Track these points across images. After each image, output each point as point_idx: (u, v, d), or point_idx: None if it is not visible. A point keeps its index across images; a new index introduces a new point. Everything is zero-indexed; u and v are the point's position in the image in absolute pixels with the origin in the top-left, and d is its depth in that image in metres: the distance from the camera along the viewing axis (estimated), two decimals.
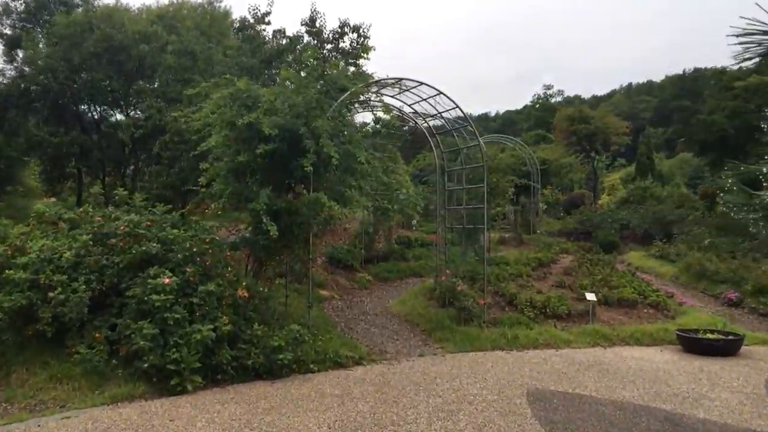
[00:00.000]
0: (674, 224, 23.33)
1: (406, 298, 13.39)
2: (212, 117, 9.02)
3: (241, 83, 8.78)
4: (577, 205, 34.48)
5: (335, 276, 15.29)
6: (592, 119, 30.78)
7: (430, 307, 12.14)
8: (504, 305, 11.68)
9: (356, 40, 19.39)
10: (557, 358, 9.22)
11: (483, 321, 10.43)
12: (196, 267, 7.91)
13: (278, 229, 9.01)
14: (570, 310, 11.19)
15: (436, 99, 10.54)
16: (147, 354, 7.16)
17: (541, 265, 15.87)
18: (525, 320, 10.73)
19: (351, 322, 11.55)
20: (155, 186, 15.77)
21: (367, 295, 14.42)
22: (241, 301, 8.08)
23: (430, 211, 27.49)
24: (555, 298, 11.36)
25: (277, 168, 9.33)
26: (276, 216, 8.91)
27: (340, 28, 19.45)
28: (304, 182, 9.21)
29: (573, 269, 14.92)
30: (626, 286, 12.68)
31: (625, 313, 11.55)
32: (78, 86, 21.09)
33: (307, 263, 9.62)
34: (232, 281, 8.16)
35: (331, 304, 13.13)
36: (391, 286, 15.73)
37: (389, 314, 12.30)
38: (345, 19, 19.98)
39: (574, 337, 10.21)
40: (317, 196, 8.42)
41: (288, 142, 8.99)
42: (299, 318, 9.95)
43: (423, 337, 10.54)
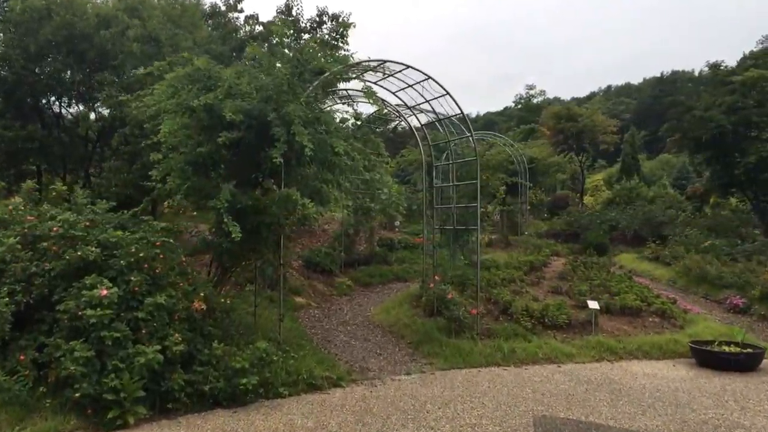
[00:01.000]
0: (665, 225, 22.65)
1: (389, 305, 12.26)
2: (166, 101, 7.79)
3: (200, 61, 7.57)
4: (561, 206, 33.75)
5: (312, 281, 14.11)
6: (580, 117, 30.04)
7: (417, 316, 11.03)
8: (497, 314, 10.63)
9: (335, 29, 18.23)
10: (561, 375, 8.18)
11: (476, 333, 9.35)
12: (142, 275, 6.67)
13: (244, 230, 7.81)
14: (570, 319, 10.17)
15: (424, 86, 9.44)
16: (79, 381, 5.92)
17: (534, 269, 14.87)
18: (522, 331, 9.68)
19: (329, 334, 10.38)
20: (114, 184, 14.37)
21: (347, 303, 13.27)
22: (198, 314, 6.87)
23: (413, 211, 26.50)
24: (553, 306, 10.34)
25: (244, 160, 8.15)
26: (241, 215, 7.71)
27: (318, 17, 18.29)
28: (274, 177, 8.03)
29: (568, 273, 13.93)
30: (627, 291, 11.73)
31: (629, 322, 10.58)
32: (35, 77, 19.53)
33: (279, 269, 8.42)
34: (188, 292, 6.95)
35: (307, 312, 11.94)
36: (373, 291, 14.60)
37: (371, 324, 11.16)
38: (323, 8, 18.84)
39: (577, 350, 9.19)
40: (288, 193, 7.26)
41: (255, 130, 7.80)
42: (270, 331, 8.77)
43: (409, 350, 9.43)
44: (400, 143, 38.88)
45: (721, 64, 19.99)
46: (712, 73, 20.04)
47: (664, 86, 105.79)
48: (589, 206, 32.32)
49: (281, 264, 8.35)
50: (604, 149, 33.72)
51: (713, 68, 19.90)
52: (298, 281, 13.60)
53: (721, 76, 19.32)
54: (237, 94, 7.69)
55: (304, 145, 7.07)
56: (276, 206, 7.45)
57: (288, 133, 7.34)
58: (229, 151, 8.13)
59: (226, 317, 7.36)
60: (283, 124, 7.47)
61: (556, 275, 14.10)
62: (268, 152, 7.31)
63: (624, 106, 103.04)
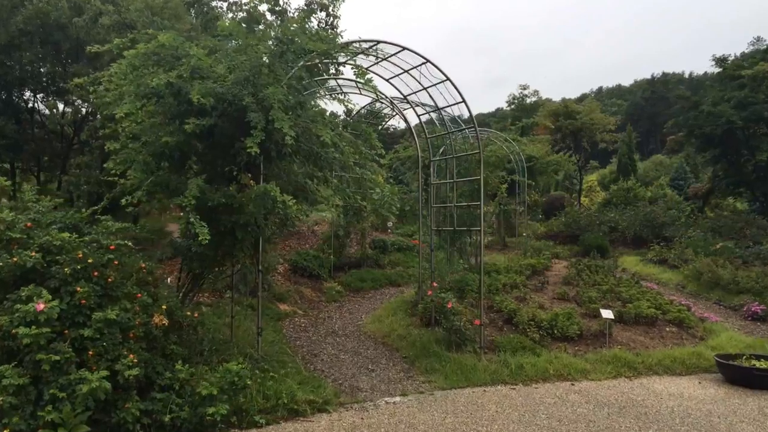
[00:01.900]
0: (666, 227, 21.86)
1: (382, 313, 11.28)
2: (126, 84, 6.77)
3: (164, 37, 6.55)
4: (556, 207, 32.91)
5: (299, 287, 13.09)
6: (578, 114, 29.16)
7: (412, 326, 10.06)
8: (501, 324, 9.68)
9: (325, 20, 17.25)
10: (577, 396, 7.23)
11: (479, 346, 8.39)
12: (91, 286, 5.64)
13: (216, 232, 6.83)
14: (582, 330, 9.24)
15: (422, 71, 8.47)
16: (9, 414, 4.90)
17: (536, 273, 13.98)
18: (529, 344, 8.73)
19: (316, 347, 9.38)
20: (84, 182, 13.28)
21: (337, 310, 12.26)
22: (159, 331, 5.85)
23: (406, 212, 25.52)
24: (563, 315, 9.40)
25: (217, 152, 7.14)
26: (212, 215, 6.72)
27: (307, 5, 17.27)
28: (251, 171, 7.02)
29: (572, 278, 13.04)
30: (639, 298, 10.83)
31: (645, 333, 9.67)
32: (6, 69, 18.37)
33: (257, 276, 7.40)
34: (147, 304, 5.92)
35: (292, 322, 10.93)
36: (365, 297, 13.61)
37: (362, 335, 10.17)
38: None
39: (592, 365, 8.25)
40: (265, 189, 6.26)
41: (230, 117, 6.81)
42: (248, 345, 7.77)
43: (404, 366, 8.45)
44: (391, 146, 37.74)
45: (728, 58, 19.23)
46: (719, 67, 19.26)
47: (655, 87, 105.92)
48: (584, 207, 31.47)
49: (260, 270, 7.34)
50: (603, 148, 32.85)
51: (720, 62, 19.12)
52: (284, 287, 12.59)
53: (729, 71, 18.52)
54: (208, 76, 6.68)
55: (285, 132, 6.07)
56: (252, 204, 6.45)
57: (266, 119, 6.35)
58: (201, 141, 7.13)
59: (194, 333, 6.33)
60: (260, 109, 6.48)
61: (560, 280, 13.20)
62: (244, 142, 6.32)
63: (616, 108, 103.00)
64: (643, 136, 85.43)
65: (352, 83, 11.40)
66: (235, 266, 8.01)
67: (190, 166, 7.45)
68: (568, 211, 26.12)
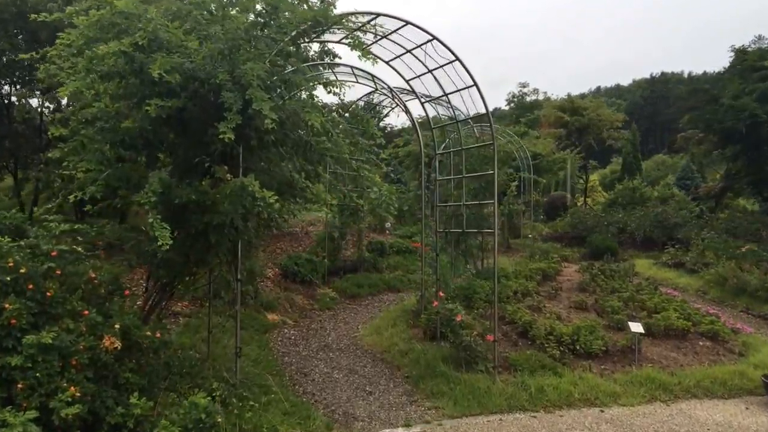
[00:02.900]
0: (679, 228, 20.87)
1: (381, 323, 10.22)
2: (76, 57, 5.70)
3: (121, 2, 5.47)
4: (557, 207, 31.88)
5: (290, 293, 12.02)
6: (585, 111, 28.06)
7: (415, 339, 9.01)
8: (515, 338, 8.63)
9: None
10: (609, 426, 6.18)
11: (493, 365, 7.32)
12: (23, 301, 4.57)
13: (186, 235, 5.81)
14: (607, 345, 8.19)
15: (426, 51, 7.41)
16: None
17: (546, 278, 12.94)
18: (549, 362, 7.67)
19: (306, 364, 8.31)
20: (53, 178, 12.18)
21: (331, 319, 11.19)
22: (110, 356, 4.77)
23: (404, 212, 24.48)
24: (585, 328, 8.35)
25: (188, 140, 6.07)
26: (181, 214, 5.67)
27: None
28: (229, 164, 5.95)
29: (587, 284, 12.00)
30: (665, 307, 9.79)
31: (677, 348, 8.62)
32: None
33: (237, 286, 6.31)
34: (96, 323, 4.84)
35: (281, 333, 9.86)
36: (361, 304, 12.54)
37: (359, 349, 9.10)
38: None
39: (622, 387, 7.20)
40: (242, 183, 5.20)
41: (202, 98, 5.76)
42: (226, 366, 6.71)
43: (407, 387, 7.38)
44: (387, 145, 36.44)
45: (747, 49, 18.20)
46: (738, 59, 18.25)
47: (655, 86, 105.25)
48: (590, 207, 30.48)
49: (239, 279, 6.25)
50: (603, 147, 31.68)
51: (740, 53, 18.12)
52: (273, 294, 11.51)
53: (750, 62, 17.52)
54: (175, 49, 5.61)
55: (265, 114, 5.01)
56: (228, 202, 5.38)
57: (243, 100, 5.28)
58: (170, 127, 6.07)
59: (155, 357, 5.25)
60: (237, 88, 5.42)
61: (574, 286, 12.17)
62: (218, 128, 5.25)
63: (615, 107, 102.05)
64: (643, 135, 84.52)
65: (348, 70, 10.35)
66: (212, 273, 6.93)
67: (158, 158, 6.38)
68: (574, 211, 25.12)
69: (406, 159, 26.22)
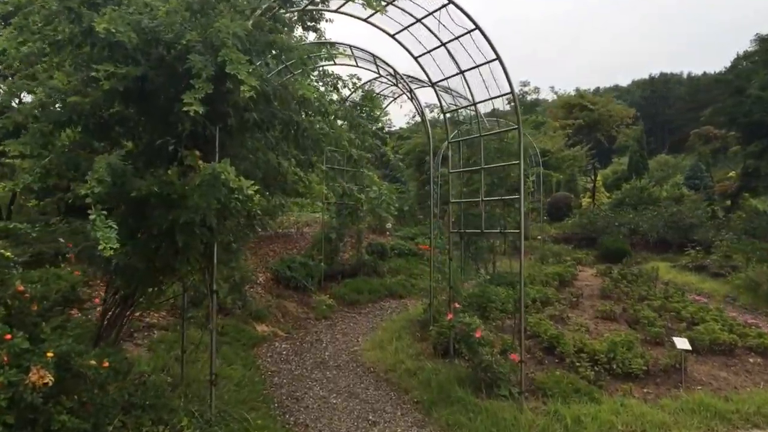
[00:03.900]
0: (695, 228, 19.82)
1: (384, 336, 9.09)
2: None
3: None
4: (560, 208, 30.82)
5: (283, 300, 10.89)
6: (594, 106, 26.93)
7: (424, 356, 7.89)
8: (541, 355, 7.52)
9: None
10: None
11: (519, 391, 6.20)
12: None
13: (148, 237, 4.70)
14: (647, 363, 7.07)
15: (440, 18, 6.29)
16: None
17: (563, 283, 11.86)
18: (583, 385, 6.55)
19: (299, 385, 7.18)
20: None
21: (328, 330, 10.07)
22: (37, 395, 3.64)
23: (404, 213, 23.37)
24: (621, 343, 7.24)
25: (150, 119, 4.95)
26: (142, 210, 4.56)
27: None
28: (204, 148, 4.82)
29: (610, 290, 10.91)
30: (705, 318, 8.71)
31: (725, 366, 7.52)
32: None
33: (211, 299, 5.17)
34: (21, 351, 3.71)
35: (271, 348, 8.72)
36: (361, 313, 11.43)
37: (360, 366, 7.98)
38: None
39: (672, 416, 6.08)
40: (215, 170, 4.07)
41: (168, 66, 4.63)
42: (199, 397, 5.57)
43: (417, 417, 6.26)
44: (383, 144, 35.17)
45: None
46: (761, 47, 17.24)
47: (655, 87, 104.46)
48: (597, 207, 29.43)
49: (213, 291, 5.13)
50: (618, 143, 30.56)
51: (763, 42, 17.09)
52: (263, 301, 10.37)
53: None
54: (132, 3, 4.49)
55: (241, 80, 3.90)
56: (197, 194, 4.25)
57: (216, 64, 4.17)
58: (129, 102, 4.94)
59: (100, 393, 4.11)
60: (208, 51, 4.30)
61: (596, 292, 11.08)
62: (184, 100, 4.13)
63: None
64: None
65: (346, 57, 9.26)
66: (184, 282, 5.81)
67: (119, 142, 5.25)
68: (582, 211, 24.05)
69: (406, 157, 25.13)
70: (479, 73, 6.38)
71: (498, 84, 6.25)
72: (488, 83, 6.33)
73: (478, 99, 6.72)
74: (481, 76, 6.35)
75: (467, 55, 6.43)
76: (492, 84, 6.31)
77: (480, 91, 6.65)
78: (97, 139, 5.10)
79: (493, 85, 6.29)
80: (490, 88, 6.35)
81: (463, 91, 7.33)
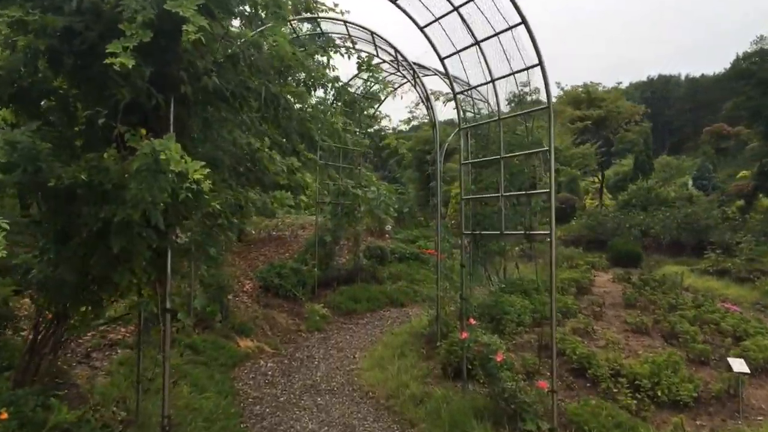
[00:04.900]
0: (711, 230, 18.79)
1: (384, 353, 7.97)
2: None
3: None
4: (563, 210, 29.82)
5: (271, 311, 9.78)
6: (603, 102, 25.78)
7: (431, 378, 6.78)
8: (570, 378, 6.42)
9: None
10: None
11: (550, 428, 5.10)
12: None
13: (81, 241, 3.61)
14: (697, 389, 5.98)
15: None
16: None
17: (581, 290, 10.76)
18: (624, 417, 5.44)
19: (284, 417, 6.06)
20: None
21: (321, 344, 8.95)
22: None
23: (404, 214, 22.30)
24: (665, 364, 6.15)
25: (87, 87, 3.85)
26: (67, 205, 3.46)
27: None
28: (154, 126, 3.72)
29: (633, 298, 9.81)
30: (750, 331, 7.63)
31: None
32: None
33: (165, 322, 4.04)
34: None
35: (255, 367, 7.60)
36: (359, 324, 10.32)
37: (357, 390, 6.86)
38: None
39: None
40: (154, 149, 2.97)
41: (106, 22, 3.54)
42: None
43: None
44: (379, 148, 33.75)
45: None
46: None
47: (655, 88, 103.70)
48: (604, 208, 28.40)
49: (167, 310, 4.01)
50: (634, 138, 29.32)
51: None
52: (249, 313, 9.27)
53: None
54: None
55: (185, 19, 2.81)
56: (135, 182, 3.15)
57: (158, 6, 3.08)
58: (55, 69, 3.84)
59: None
60: None
61: (617, 301, 9.98)
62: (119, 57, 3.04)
63: None
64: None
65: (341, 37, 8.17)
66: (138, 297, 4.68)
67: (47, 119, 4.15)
68: (590, 213, 23.02)
69: (406, 156, 24.05)
70: (498, 42, 5.29)
71: (524, 56, 5.15)
72: (510, 54, 5.24)
73: (496, 75, 5.62)
74: (501, 45, 5.26)
75: (483, 20, 5.34)
76: (516, 56, 5.22)
77: (499, 65, 5.56)
78: (17, 116, 4.00)
79: (517, 56, 5.20)
80: (512, 59, 5.25)
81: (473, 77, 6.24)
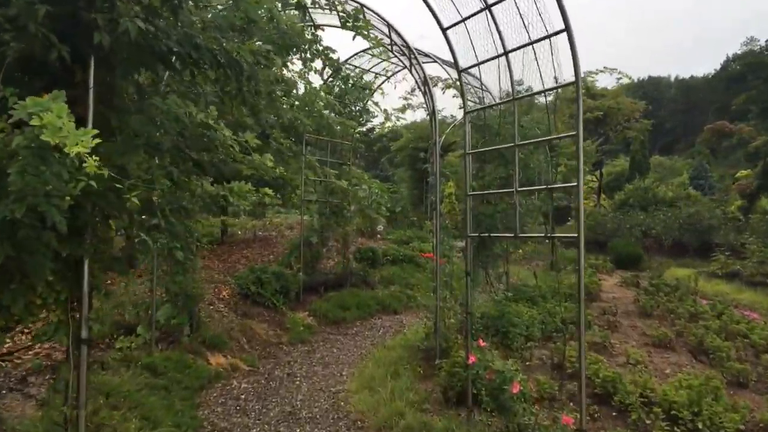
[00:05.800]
0: (714, 231, 18.08)
1: (375, 371, 7.00)
2: None
3: None
4: (558, 209, 29.12)
5: (249, 320, 8.80)
6: (602, 98, 24.98)
7: (430, 402, 5.82)
8: (592, 404, 5.51)
9: None
10: None
11: None
12: None
13: None
14: (744, 420, 5.09)
15: None
16: None
17: (588, 296, 9.90)
18: None
19: None
20: None
21: (305, 359, 7.98)
22: None
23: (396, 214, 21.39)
24: (704, 389, 5.25)
25: None
26: None
27: None
28: (69, 93, 2.74)
29: (649, 306, 8.97)
30: None
31: None
32: None
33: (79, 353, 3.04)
34: None
35: (226, 389, 6.61)
36: (347, 334, 9.36)
37: (342, 418, 5.89)
38: None
39: None
40: (27, 112, 2.00)
41: None
42: None
43: None
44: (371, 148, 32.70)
45: None
46: None
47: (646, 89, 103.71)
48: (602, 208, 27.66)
49: (82, 342, 3.01)
50: (635, 136, 28.49)
51: None
52: (225, 322, 8.29)
53: None
54: None
55: None
56: (18, 167, 2.18)
57: None
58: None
59: None
60: None
61: (631, 308, 9.17)
62: None
63: None
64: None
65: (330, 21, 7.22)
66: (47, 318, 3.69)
67: None
68: (590, 213, 22.29)
69: (399, 154, 23.17)
70: (515, 4, 4.35)
71: (546, 21, 4.23)
72: (529, 19, 4.31)
73: (510, 46, 4.69)
74: (518, 8, 4.33)
75: None
76: (535, 20, 4.29)
77: (513, 35, 4.63)
78: None
79: (537, 20, 4.28)
80: (531, 25, 4.33)
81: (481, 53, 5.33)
